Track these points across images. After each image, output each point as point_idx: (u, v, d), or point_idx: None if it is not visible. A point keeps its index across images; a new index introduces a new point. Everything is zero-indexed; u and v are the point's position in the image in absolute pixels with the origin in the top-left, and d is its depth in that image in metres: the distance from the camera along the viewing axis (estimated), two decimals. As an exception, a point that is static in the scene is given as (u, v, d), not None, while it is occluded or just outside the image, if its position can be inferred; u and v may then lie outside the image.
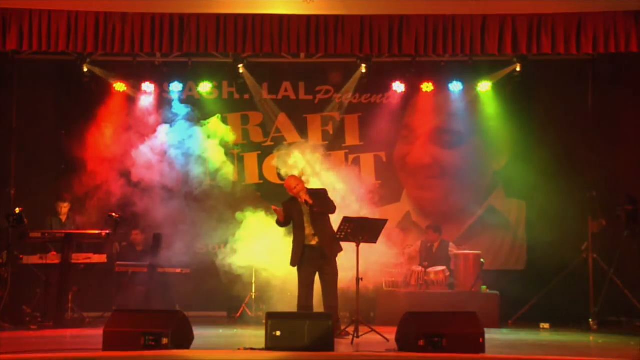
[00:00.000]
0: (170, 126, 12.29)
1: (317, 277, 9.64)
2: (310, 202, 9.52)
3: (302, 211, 9.61)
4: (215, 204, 12.37)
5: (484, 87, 12.46)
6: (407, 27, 10.39)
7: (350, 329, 9.31)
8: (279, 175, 12.55)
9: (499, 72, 12.27)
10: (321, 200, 9.62)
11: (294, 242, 9.67)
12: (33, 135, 12.22)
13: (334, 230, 9.59)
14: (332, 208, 9.69)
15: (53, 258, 10.98)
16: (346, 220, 9.57)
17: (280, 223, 9.79)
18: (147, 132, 12.27)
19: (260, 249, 11.34)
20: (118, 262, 11.39)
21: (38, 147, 12.31)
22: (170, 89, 12.48)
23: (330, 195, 9.83)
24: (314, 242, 9.55)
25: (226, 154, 12.28)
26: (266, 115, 12.77)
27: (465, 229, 12.63)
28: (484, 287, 11.32)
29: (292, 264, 9.65)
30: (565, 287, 11.44)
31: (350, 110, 12.79)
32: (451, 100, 12.58)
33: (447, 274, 11.43)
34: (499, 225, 12.65)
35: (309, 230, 9.57)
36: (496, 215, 12.68)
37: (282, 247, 10.81)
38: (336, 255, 9.66)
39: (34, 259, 10.99)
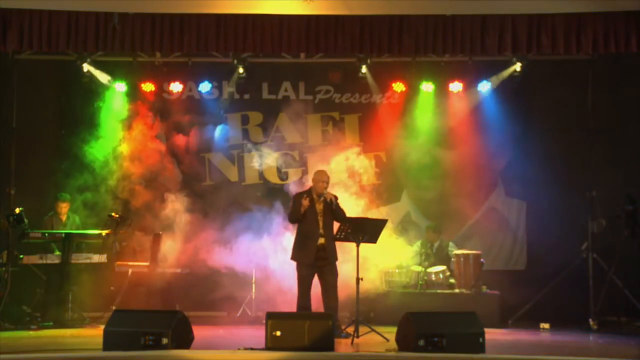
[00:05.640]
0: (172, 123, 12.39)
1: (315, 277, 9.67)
2: (336, 201, 9.51)
3: (315, 209, 9.60)
4: (215, 203, 12.40)
5: (484, 87, 12.46)
6: (407, 27, 10.37)
7: (350, 329, 9.32)
8: (279, 175, 12.58)
9: (499, 72, 12.28)
10: (338, 205, 9.63)
11: (303, 239, 9.62)
12: (33, 135, 12.22)
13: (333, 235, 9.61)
14: (345, 216, 9.68)
15: (53, 258, 10.98)
16: (346, 220, 9.56)
17: (298, 217, 9.63)
18: (147, 130, 12.29)
19: (259, 249, 11.35)
20: (118, 262, 11.38)
21: (38, 147, 12.31)
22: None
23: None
24: (319, 243, 9.55)
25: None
26: (266, 115, 12.77)
27: (465, 229, 12.63)
28: (484, 287, 11.32)
29: (304, 261, 9.58)
30: (565, 287, 11.42)
31: (350, 110, 12.80)
32: (451, 100, 12.57)
33: (447, 274, 11.43)
34: (499, 225, 12.64)
35: (320, 229, 9.56)
36: (496, 215, 12.68)
37: (282, 246, 10.82)
38: (336, 259, 9.66)
39: (34, 259, 10.99)
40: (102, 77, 12.22)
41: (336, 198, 9.68)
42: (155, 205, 11.86)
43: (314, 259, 9.54)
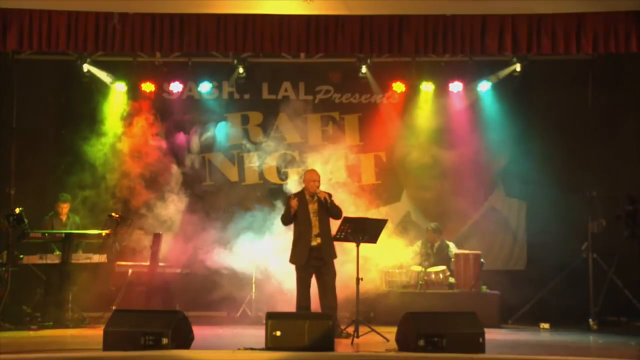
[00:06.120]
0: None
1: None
2: (330, 199, 9.49)
3: (308, 209, 9.58)
4: (215, 204, 12.40)
5: (484, 87, 12.47)
6: (407, 27, 10.38)
7: (350, 329, 9.31)
8: (278, 175, 12.58)
9: (499, 72, 12.28)
10: (332, 202, 9.62)
11: (297, 240, 9.60)
12: (33, 135, 12.23)
13: (331, 234, 9.59)
14: (340, 213, 9.66)
15: (53, 258, 10.98)
16: (346, 220, 9.56)
17: (288, 218, 9.64)
18: (147, 130, 12.29)
19: (260, 249, 11.35)
20: (118, 262, 11.38)
21: (38, 147, 12.32)
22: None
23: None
24: (315, 243, 9.53)
25: None
26: (266, 115, 12.77)
27: (465, 229, 12.63)
28: (484, 287, 11.32)
29: (297, 262, 9.57)
30: (565, 287, 11.43)
31: (350, 110, 12.80)
32: (451, 100, 12.57)
33: (447, 274, 11.43)
34: (499, 225, 12.65)
35: (314, 229, 9.54)
36: (496, 215, 12.68)
37: (282, 246, 10.81)
38: (334, 258, 9.64)
39: (34, 259, 10.99)
40: (102, 76, 12.23)
41: (330, 195, 9.66)
42: (155, 205, 11.85)
43: (307, 259, 9.50)
